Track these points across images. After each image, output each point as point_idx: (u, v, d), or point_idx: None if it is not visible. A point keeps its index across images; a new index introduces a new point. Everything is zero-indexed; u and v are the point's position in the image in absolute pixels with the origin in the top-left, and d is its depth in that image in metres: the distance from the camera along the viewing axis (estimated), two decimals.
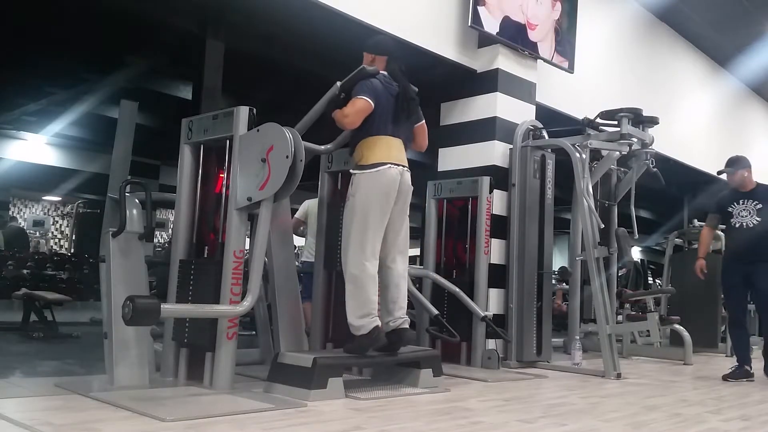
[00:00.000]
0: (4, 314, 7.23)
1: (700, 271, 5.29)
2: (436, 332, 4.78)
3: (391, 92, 3.66)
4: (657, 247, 17.31)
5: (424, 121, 3.91)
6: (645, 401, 3.81)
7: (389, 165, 3.55)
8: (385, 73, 3.71)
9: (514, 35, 5.55)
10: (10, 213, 14.55)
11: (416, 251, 5.00)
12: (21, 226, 13.37)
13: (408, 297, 3.87)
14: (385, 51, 3.79)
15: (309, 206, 5.56)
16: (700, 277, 5.29)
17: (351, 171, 3.64)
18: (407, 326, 3.63)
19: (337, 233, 4.16)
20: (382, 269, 3.60)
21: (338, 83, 3.64)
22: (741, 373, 4.93)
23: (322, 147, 4.01)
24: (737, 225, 5.05)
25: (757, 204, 4.99)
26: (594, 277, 4.85)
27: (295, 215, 5.55)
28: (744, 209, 5.01)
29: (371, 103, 3.53)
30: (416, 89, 3.78)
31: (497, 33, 5.41)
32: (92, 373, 3.68)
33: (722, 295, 5.07)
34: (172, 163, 7.93)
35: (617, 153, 5.50)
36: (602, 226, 4.94)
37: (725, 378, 4.92)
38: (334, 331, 4.18)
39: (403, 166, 3.65)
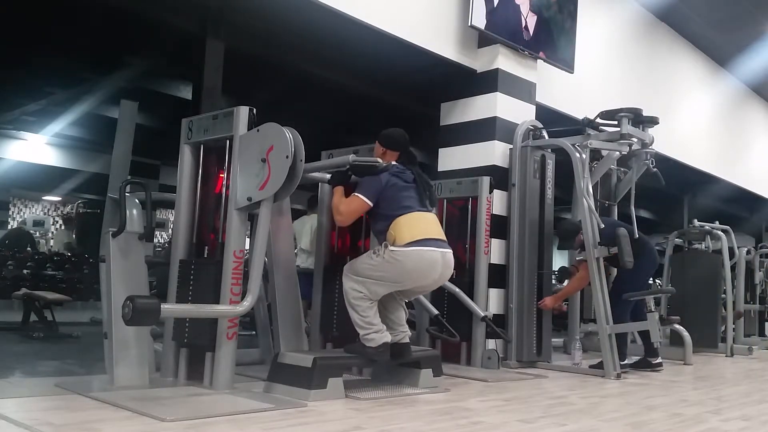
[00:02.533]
0: (4, 314, 7.24)
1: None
2: (436, 332, 4.77)
3: (405, 180, 3.57)
4: (657, 247, 17.30)
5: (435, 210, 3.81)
6: (645, 401, 3.81)
7: (430, 246, 3.39)
8: (396, 163, 3.64)
9: (510, 18, 5.55)
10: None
11: None
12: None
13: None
14: (397, 147, 3.70)
15: (294, 225, 5.61)
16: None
17: (390, 247, 3.39)
18: (408, 341, 3.64)
19: (337, 234, 4.16)
20: (388, 295, 3.57)
21: (351, 157, 3.53)
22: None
23: (328, 176, 3.93)
24: None
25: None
26: (594, 277, 4.86)
27: None
28: None
29: (368, 203, 3.46)
30: (430, 181, 3.71)
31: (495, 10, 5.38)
32: (92, 373, 3.68)
33: None
34: (172, 163, 7.92)
35: (617, 153, 5.50)
36: (602, 226, 4.94)
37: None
38: (334, 331, 4.18)
39: (445, 245, 3.49)
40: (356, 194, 3.48)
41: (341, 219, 3.53)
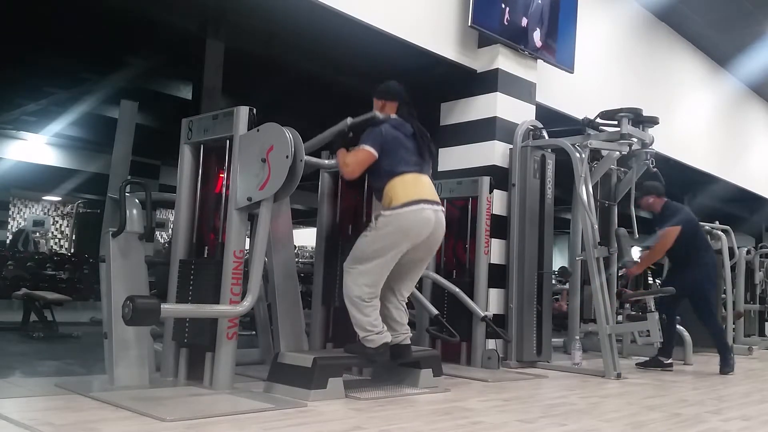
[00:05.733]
0: (4, 314, 7.24)
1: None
2: (436, 332, 4.77)
3: (405, 133, 3.59)
4: None
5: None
6: (645, 401, 3.81)
7: (423, 205, 3.42)
8: (396, 116, 3.66)
9: (510, 18, 5.53)
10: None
11: None
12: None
13: (408, 297, 3.87)
14: (395, 97, 3.71)
15: None
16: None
17: (381, 213, 3.45)
18: (409, 342, 3.63)
19: (337, 234, 4.16)
20: (389, 292, 3.57)
21: (348, 120, 3.61)
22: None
23: (326, 161, 3.95)
24: None
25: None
26: (594, 277, 4.85)
27: None
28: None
29: (375, 154, 3.47)
30: (429, 134, 3.73)
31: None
32: (92, 373, 3.68)
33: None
34: (172, 163, 7.92)
35: (617, 153, 5.49)
36: (595, 225, 4.93)
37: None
38: (334, 331, 4.18)
39: (437, 205, 3.53)
40: (361, 146, 3.50)
41: (349, 170, 3.52)
